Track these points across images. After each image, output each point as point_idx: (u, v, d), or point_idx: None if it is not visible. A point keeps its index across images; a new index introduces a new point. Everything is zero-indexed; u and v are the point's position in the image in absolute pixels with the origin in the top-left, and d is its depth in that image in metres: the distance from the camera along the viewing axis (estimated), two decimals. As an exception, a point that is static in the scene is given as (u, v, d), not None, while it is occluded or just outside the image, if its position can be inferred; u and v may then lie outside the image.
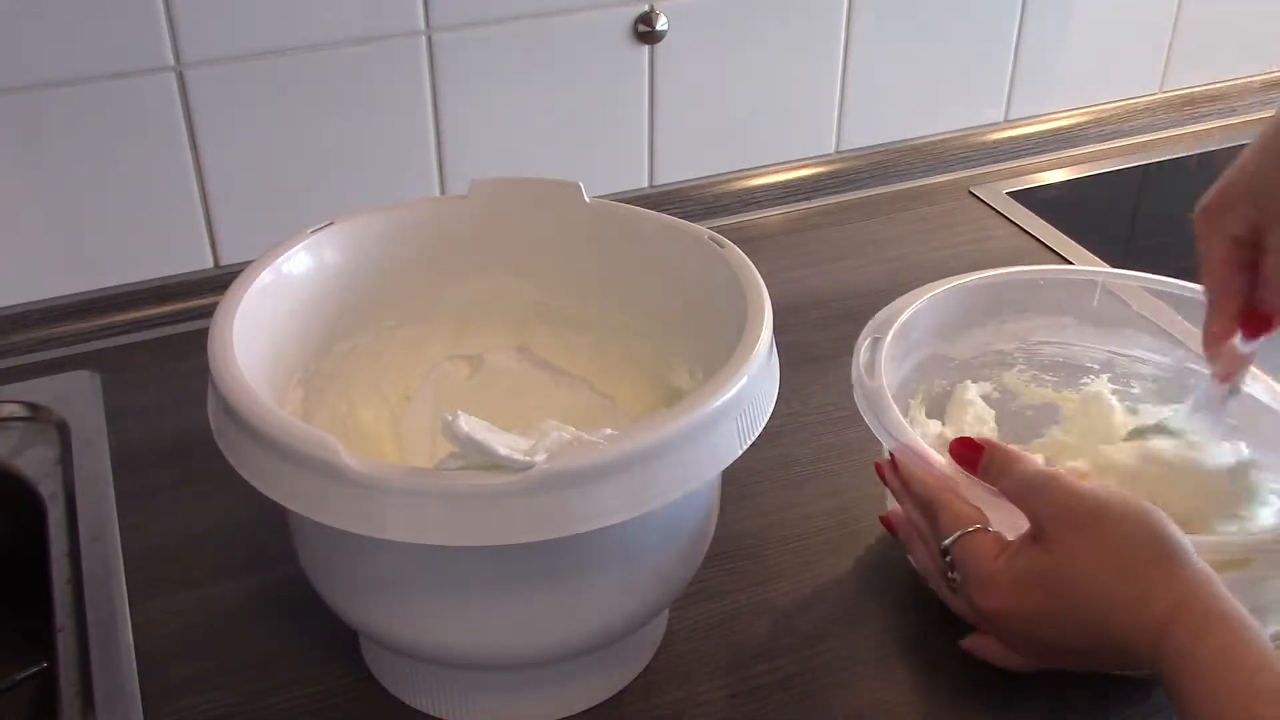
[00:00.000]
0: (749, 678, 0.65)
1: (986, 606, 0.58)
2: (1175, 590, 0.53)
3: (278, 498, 0.52)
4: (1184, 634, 0.51)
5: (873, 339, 0.70)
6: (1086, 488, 0.57)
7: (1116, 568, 0.54)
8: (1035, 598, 0.56)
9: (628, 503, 0.51)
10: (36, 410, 0.82)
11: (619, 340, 0.71)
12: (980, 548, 0.59)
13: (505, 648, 0.58)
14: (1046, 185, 1.16)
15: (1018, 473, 0.59)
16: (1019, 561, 0.57)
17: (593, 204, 0.69)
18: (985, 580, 0.58)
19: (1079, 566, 0.55)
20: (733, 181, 1.09)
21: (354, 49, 0.92)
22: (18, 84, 0.84)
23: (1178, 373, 0.76)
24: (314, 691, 0.64)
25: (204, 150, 0.91)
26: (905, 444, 0.64)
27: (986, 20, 1.13)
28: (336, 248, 0.67)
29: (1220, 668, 0.50)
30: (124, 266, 0.92)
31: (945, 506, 0.61)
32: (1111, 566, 0.54)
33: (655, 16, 0.98)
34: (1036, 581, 0.56)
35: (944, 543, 0.60)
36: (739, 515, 0.75)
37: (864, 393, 0.67)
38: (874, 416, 0.66)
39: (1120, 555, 0.54)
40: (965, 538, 0.59)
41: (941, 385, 0.77)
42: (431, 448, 0.70)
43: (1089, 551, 0.55)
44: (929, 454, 0.63)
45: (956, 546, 0.59)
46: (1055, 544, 0.56)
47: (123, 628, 0.66)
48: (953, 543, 0.60)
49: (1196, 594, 0.52)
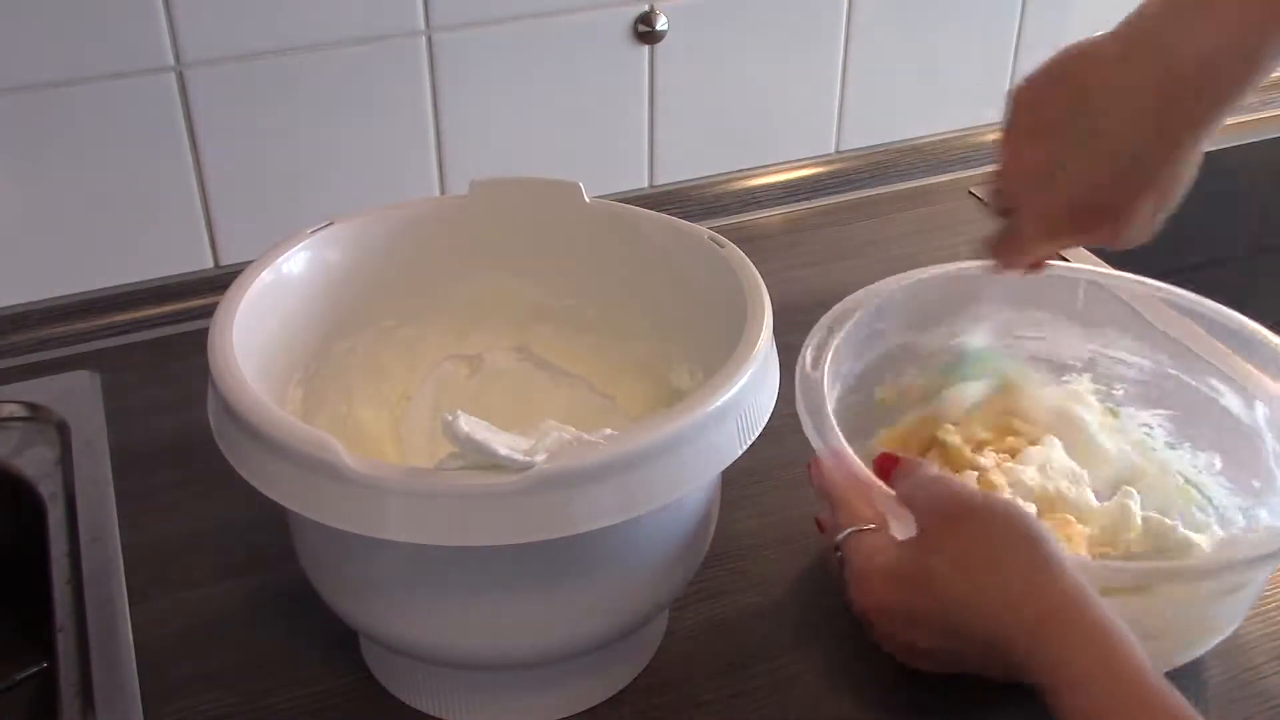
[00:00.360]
0: (749, 678, 0.65)
1: (860, 602, 0.58)
2: (1047, 600, 0.52)
3: (278, 498, 0.52)
4: (1058, 644, 0.50)
5: (826, 329, 0.69)
6: (968, 488, 0.57)
7: (986, 567, 0.54)
8: (904, 594, 0.56)
9: (627, 503, 0.51)
10: (36, 410, 0.82)
11: (619, 340, 0.71)
12: (865, 544, 0.58)
13: (505, 648, 0.58)
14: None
15: (917, 477, 0.59)
16: (893, 557, 0.57)
17: (593, 204, 0.69)
18: (862, 576, 0.58)
19: (949, 564, 0.55)
20: (733, 181, 1.09)
21: (354, 49, 0.92)
22: (18, 84, 0.84)
23: (1159, 377, 0.75)
24: (314, 691, 0.64)
25: (204, 150, 0.91)
26: (828, 444, 0.62)
27: (986, 20, 1.13)
28: (336, 248, 0.67)
29: (1102, 680, 0.49)
30: (124, 266, 0.92)
31: (845, 505, 0.60)
32: (981, 566, 0.54)
33: (655, 16, 0.98)
34: (908, 577, 0.56)
35: (836, 538, 0.60)
36: (739, 515, 0.75)
37: (802, 382, 0.66)
38: (806, 411, 0.64)
39: (991, 556, 0.54)
40: (855, 535, 0.59)
41: (912, 376, 0.76)
42: (431, 448, 0.70)
43: (960, 549, 0.55)
44: (849, 457, 0.62)
45: (845, 543, 0.59)
46: (929, 540, 0.56)
47: (123, 628, 0.66)
48: (843, 539, 0.59)
49: (1071, 604, 0.51)
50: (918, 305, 0.75)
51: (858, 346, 0.72)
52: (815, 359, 0.67)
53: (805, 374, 0.66)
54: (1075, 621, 0.51)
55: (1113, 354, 0.76)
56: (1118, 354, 0.76)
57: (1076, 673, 0.49)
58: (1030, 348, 0.78)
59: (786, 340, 0.62)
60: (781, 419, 0.60)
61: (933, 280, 0.75)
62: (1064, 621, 0.51)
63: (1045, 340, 0.77)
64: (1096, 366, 0.77)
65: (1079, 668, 0.49)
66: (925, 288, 0.75)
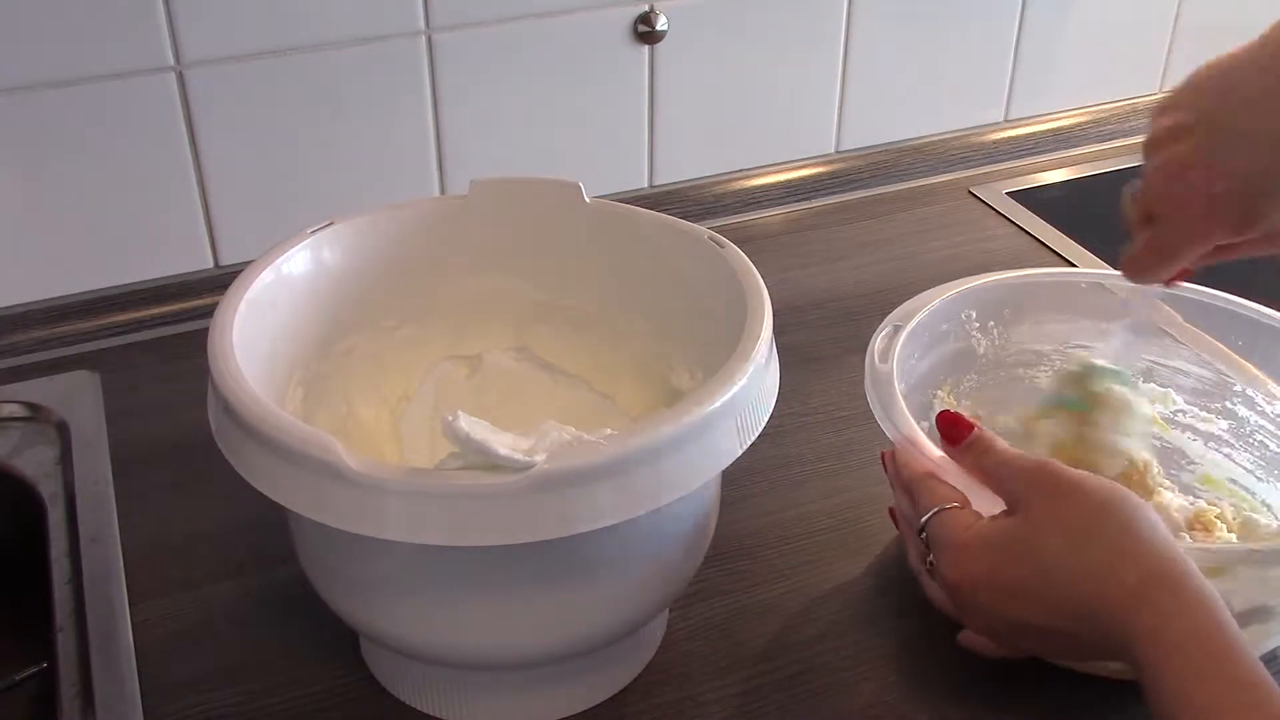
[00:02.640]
0: (749, 678, 0.65)
1: (956, 577, 0.57)
2: (1146, 564, 0.52)
3: (278, 498, 0.52)
4: (1157, 609, 0.51)
5: (894, 327, 0.69)
6: (1065, 468, 0.57)
7: (1087, 538, 0.54)
8: (1004, 566, 0.56)
9: (627, 503, 0.51)
10: (36, 410, 0.82)
11: (619, 340, 0.71)
12: (955, 520, 0.58)
13: (505, 648, 0.58)
14: (1046, 185, 1.15)
15: (997, 453, 0.59)
16: (992, 530, 0.57)
17: (593, 204, 0.69)
18: (956, 549, 0.57)
19: (1050, 535, 0.55)
20: (733, 181, 1.09)
21: (354, 49, 0.92)
22: (18, 84, 0.84)
23: (1217, 385, 0.75)
24: (314, 691, 0.64)
25: (204, 150, 0.91)
26: (901, 432, 0.63)
27: (986, 20, 1.13)
28: (336, 248, 0.67)
29: (1197, 651, 0.49)
30: (124, 266, 0.92)
31: (925, 488, 0.60)
32: (1083, 537, 0.54)
33: (655, 16, 0.98)
34: (1006, 548, 0.56)
35: (921, 519, 0.59)
36: (739, 515, 0.75)
37: (873, 377, 0.66)
38: (879, 402, 0.65)
39: (1092, 527, 0.54)
40: (941, 513, 0.59)
41: (971, 380, 0.76)
42: (431, 448, 0.70)
43: (1061, 522, 0.55)
44: (924, 444, 0.62)
45: (933, 522, 0.59)
46: (1028, 513, 0.56)
47: (123, 628, 0.66)
48: (928, 519, 0.59)
49: (1169, 569, 0.51)
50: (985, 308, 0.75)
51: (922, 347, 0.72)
52: (884, 352, 0.68)
53: (874, 367, 0.67)
54: (1176, 589, 0.51)
55: (1170, 363, 0.76)
56: (1175, 363, 0.76)
57: (1173, 638, 0.50)
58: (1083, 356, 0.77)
59: (786, 340, 0.62)
60: (781, 419, 0.60)
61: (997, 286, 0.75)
62: (1164, 588, 0.51)
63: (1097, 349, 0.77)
64: (1155, 376, 0.76)
65: (1176, 632, 0.50)
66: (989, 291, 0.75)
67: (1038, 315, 0.77)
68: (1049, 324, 0.77)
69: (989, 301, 0.75)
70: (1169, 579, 0.51)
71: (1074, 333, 0.77)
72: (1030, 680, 0.64)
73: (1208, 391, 0.75)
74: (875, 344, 0.68)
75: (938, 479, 0.61)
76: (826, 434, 0.82)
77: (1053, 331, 0.77)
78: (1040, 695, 0.64)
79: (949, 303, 0.73)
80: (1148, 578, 0.51)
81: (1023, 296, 0.76)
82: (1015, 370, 0.77)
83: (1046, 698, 0.64)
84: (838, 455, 0.80)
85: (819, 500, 0.77)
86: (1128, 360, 0.75)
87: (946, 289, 0.73)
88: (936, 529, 0.59)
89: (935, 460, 0.61)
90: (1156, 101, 0.65)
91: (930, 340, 0.73)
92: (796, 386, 0.85)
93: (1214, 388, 0.75)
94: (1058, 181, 1.16)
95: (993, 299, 0.75)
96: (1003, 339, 0.77)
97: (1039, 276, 0.76)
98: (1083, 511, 0.55)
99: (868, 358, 0.68)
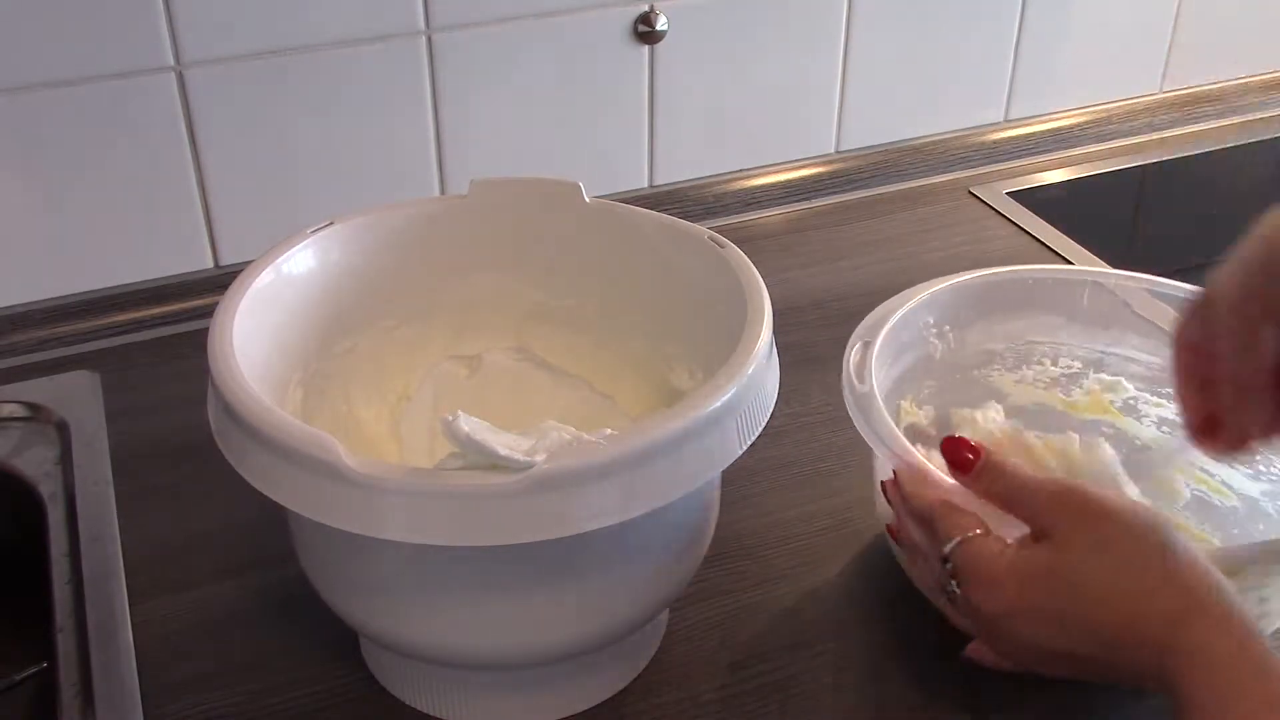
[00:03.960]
0: (749, 678, 0.65)
1: (991, 609, 0.56)
2: (1187, 588, 0.52)
3: (278, 498, 0.52)
4: (1199, 630, 0.50)
5: (863, 343, 0.68)
6: (1094, 490, 0.56)
7: (1127, 565, 0.53)
8: (1043, 596, 0.55)
9: (627, 503, 0.51)
10: (36, 410, 0.82)
11: (619, 340, 0.71)
12: (984, 548, 0.57)
13: (505, 648, 0.58)
14: (1046, 185, 1.15)
15: (1011, 476, 0.58)
16: (1025, 559, 0.56)
17: (593, 204, 0.69)
18: (991, 581, 0.56)
19: (1088, 563, 0.54)
20: (733, 181, 1.09)
21: (354, 49, 0.92)
22: (18, 84, 0.84)
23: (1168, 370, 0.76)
24: (314, 691, 0.64)
25: (204, 150, 0.91)
26: (905, 460, 0.62)
27: (986, 20, 1.13)
28: (336, 248, 0.67)
29: (1236, 668, 0.49)
30: (124, 266, 0.92)
31: (943, 515, 0.59)
32: (1121, 564, 0.53)
33: (655, 16, 0.98)
34: (1044, 578, 0.55)
35: (944, 549, 0.58)
36: (739, 515, 0.75)
37: (854, 398, 0.65)
38: (865, 423, 0.64)
39: (1130, 554, 0.53)
40: (967, 542, 0.57)
41: (930, 386, 0.76)
42: (431, 448, 0.70)
43: (1098, 549, 0.54)
44: (925, 467, 0.61)
45: (958, 552, 0.57)
46: (1063, 542, 0.55)
47: (123, 628, 0.66)
48: (953, 549, 0.57)
49: (1210, 594, 0.51)
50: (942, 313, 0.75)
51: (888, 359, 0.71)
52: (859, 370, 0.66)
53: (855, 391, 0.65)
54: (1216, 612, 0.51)
55: (1119, 351, 0.77)
56: (1126, 351, 0.76)
57: (1212, 658, 0.50)
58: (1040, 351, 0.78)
59: (786, 340, 0.62)
60: (781, 419, 0.60)
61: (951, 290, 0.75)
62: (1206, 612, 0.51)
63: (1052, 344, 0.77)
64: (1105, 366, 0.77)
65: (1216, 653, 0.50)
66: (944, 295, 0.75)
67: (991, 315, 0.77)
68: (1001, 323, 0.77)
69: (945, 305, 0.75)
70: (1209, 603, 0.51)
71: (1028, 329, 0.77)
72: (1034, 679, 0.64)
73: (1158, 378, 0.75)
74: (849, 364, 0.67)
75: (954, 507, 0.59)
76: (826, 434, 0.82)
77: (1007, 330, 0.77)
78: (1044, 693, 0.64)
79: (910, 312, 0.72)
80: (1189, 602, 0.51)
81: (976, 298, 0.76)
82: (970, 372, 0.77)
83: (1051, 695, 0.64)
84: (837, 455, 0.80)
85: (819, 500, 0.77)
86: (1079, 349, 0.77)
87: (905, 298, 0.73)
88: (964, 560, 0.57)
89: (944, 487, 0.60)
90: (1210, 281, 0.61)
91: (895, 351, 0.72)
92: (796, 386, 0.85)
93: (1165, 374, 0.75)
94: (1057, 181, 1.16)
95: (948, 302, 0.75)
96: (959, 342, 0.76)
97: (992, 276, 0.76)
98: (1119, 537, 0.54)
99: (845, 380, 0.66)
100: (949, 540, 0.58)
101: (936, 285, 0.74)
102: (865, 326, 0.70)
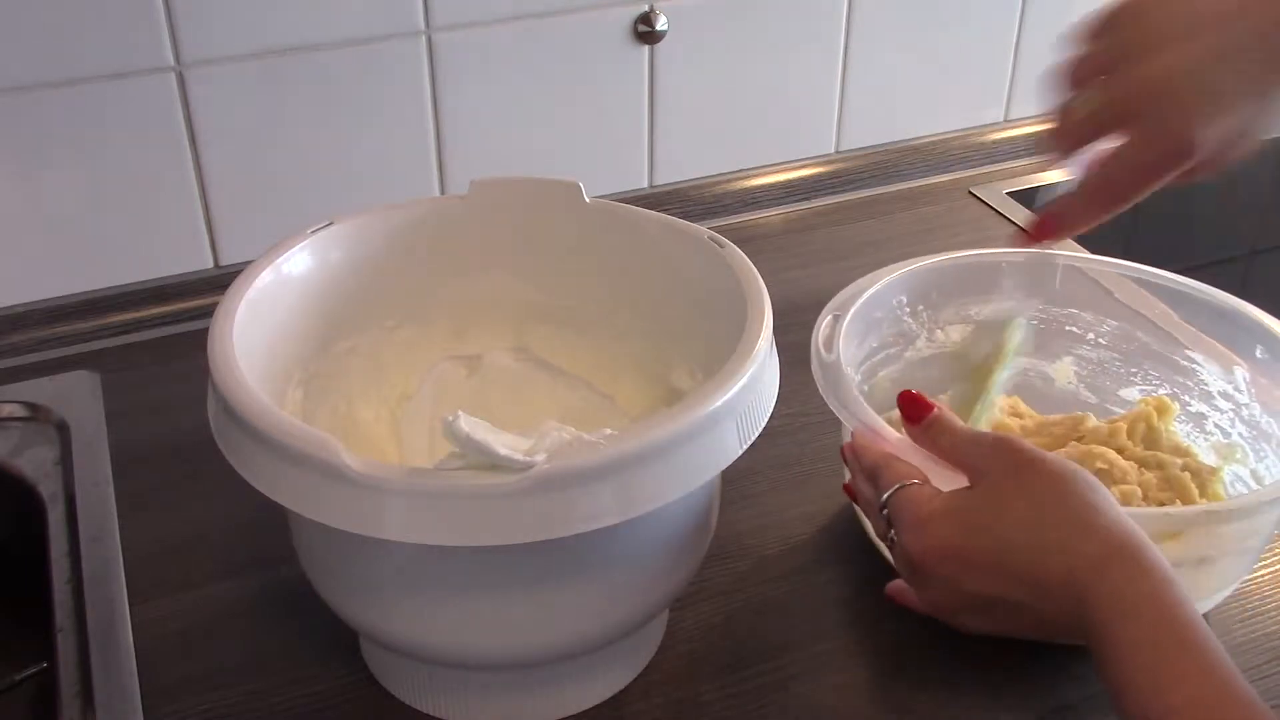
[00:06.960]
0: (749, 678, 0.65)
1: (917, 549, 0.57)
2: (1106, 535, 0.53)
3: (278, 498, 0.52)
4: (1117, 575, 0.52)
5: (833, 316, 0.71)
6: (1028, 444, 0.58)
7: (1048, 509, 0.55)
8: (965, 536, 0.56)
9: (627, 503, 0.51)
10: (36, 410, 0.82)
11: (619, 340, 0.71)
12: (916, 494, 0.59)
13: (505, 648, 0.58)
14: (1046, 185, 1.15)
15: (957, 431, 0.60)
16: (951, 501, 0.58)
17: (593, 204, 0.69)
18: (917, 523, 0.58)
19: (1012, 505, 0.55)
20: (733, 181, 1.09)
21: (354, 49, 0.92)
22: (18, 84, 0.84)
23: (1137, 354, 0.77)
24: (314, 691, 0.64)
25: (204, 150, 0.91)
26: (859, 418, 0.64)
27: (986, 20, 1.13)
28: (336, 248, 0.67)
29: (1153, 612, 0.50)
30: (124, 266, 0.92)
31: (885, 465, 0.61)
32: (1044, 508, 0.55)
33: (655, 16, 0.98)
34: (968, 519, 0.56)
35: (882, 497, 0.60)
36: (739, 515, 0.75)
37: (821, 366, 0.67)
38: (831, 391, 0.66)
39: (1053, 500, 0.55)
40: (903, 489, 0.59)
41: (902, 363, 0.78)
42: (431, 448, 0.70)
43: (1022, 493, 0.55)
44: (883, 428, 0.63)
45: (894, 499, 0.59)
46: (990, 487, 0.57)
47: (123, 628, 0.66)
48: (890, 496, 0.59)
49: (1127, 541, 0.53)
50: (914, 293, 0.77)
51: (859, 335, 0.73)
52: (828, 340, 0.69)
53: (821, 359, 0.68)
54: (1134, 559, 0.52)
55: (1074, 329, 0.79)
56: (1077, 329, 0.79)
57: (1130, 605, 0.51)
58: None
59: (786, 340, 0.62)
60: (781, 419, 0.60)
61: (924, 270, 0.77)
62: (1124, 558, 0.52)
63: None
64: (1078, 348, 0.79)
65: (1134, 599, 0.51)
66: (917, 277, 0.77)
67: (963, 296, 0.78)
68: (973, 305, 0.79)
69: (917, 286, 0.77)
70: (1127, 550, 0.52)
71: (998, 312, 0.79)
72: (1031, 676, 0.64)
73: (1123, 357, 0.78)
74: (818, 335, 0.69)
75: (897, 458, 0.61)
76: (826, 434, 0.82)
77: (976, 311, 0.79)
78: (1040, 689, 0.64)
79: (883, 289, 0.74)
80: (1107, 549, 0.53)
81: (949, 279, 0.78)
82: (942, 351, 0.79)
83: (1046, 692, 0.64)
84: (837, 455, 0.80)
85: (819, 500, 0.77)
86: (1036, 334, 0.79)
87: (877, 277, 0.75)
88: (898, 505, 0.59)
89: (894, 442, 0.62)
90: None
91: (865, 327, 0.74)
92: (796, 386, 0.84)
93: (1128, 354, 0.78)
94: (1058, 181, 1.16)
95: (920, 283, 0.77)
96: (931, 321, 0.78)
97: (964, 259, 0.78)
98: (1043, 484, 0.55)
99: (813, 349, 0.69)
100: (888, 488, 0.60)
101: (910, 265, 0.76)
102: (836, 302, 0.72)
